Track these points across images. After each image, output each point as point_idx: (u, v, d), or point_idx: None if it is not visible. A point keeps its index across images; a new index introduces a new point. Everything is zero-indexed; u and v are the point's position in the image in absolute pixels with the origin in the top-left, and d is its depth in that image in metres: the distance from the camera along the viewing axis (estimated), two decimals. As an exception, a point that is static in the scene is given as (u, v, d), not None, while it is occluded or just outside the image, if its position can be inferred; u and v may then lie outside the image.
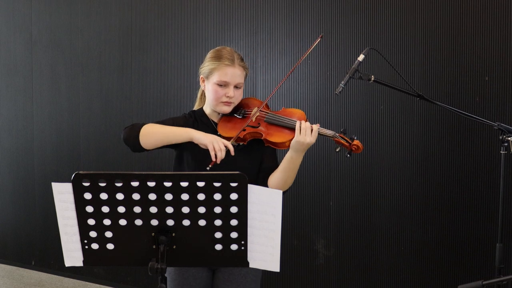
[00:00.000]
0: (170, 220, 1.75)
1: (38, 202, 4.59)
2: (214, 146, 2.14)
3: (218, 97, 2.27)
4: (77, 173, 1.70)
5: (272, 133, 2.25)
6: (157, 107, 4.03)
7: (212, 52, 2.34)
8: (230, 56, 2.28)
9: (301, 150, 2.20)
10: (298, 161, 2.23)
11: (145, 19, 4.05)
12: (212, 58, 2.30)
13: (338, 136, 2.22)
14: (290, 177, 2.24)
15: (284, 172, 2.24)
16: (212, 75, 2.28)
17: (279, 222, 1.78)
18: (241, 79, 2.30)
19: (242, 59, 2.33)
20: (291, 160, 2.22)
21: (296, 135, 2.18)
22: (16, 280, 4.47)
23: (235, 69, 2.27)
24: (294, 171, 2.24)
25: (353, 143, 2.21)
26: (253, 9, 3.65)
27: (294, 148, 2.20)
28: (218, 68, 2.26)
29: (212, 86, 2.28)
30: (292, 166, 2.22)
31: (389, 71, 3.14)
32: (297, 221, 3.60)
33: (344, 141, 2.21)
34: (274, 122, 2.27)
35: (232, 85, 2.27)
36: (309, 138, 2.17)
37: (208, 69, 2.29)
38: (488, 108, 3.05)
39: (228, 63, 2.26)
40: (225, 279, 2.29)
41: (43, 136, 4.54)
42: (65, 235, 1.78)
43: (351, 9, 3.36)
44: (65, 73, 4.40)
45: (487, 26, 3.04)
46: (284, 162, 2.24)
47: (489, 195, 3.08)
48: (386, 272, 3.38)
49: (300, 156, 2.22)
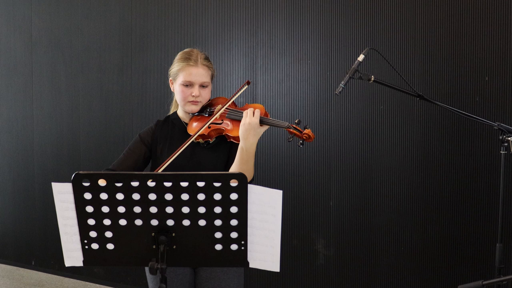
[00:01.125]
0: (170, 220, 1.75)
1: (38, 202, 4.59)
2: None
3: (184, 96, 2.36)
4: (77, 173, 1.70)
5: (234, 128, 2.31)
6: (157, 107, 4.03)
7: (178, 55, 2.43)
8: (194, 57, 2.37)
9: (247, 135, 2.20)
10: (250, 151, 2.22)
11: (145, 19, 4.05)
12: (178, 60, 2.40)
13: (292, 126, 2.27)
14: (245, 170, 2.23)
15: (238, 164, 2.24)
16: (178, 77, 2.38)
17: (279, 222, 1.78)
18: (206, 78, 2.37)
19: (207, 58, 2.41)
20: (242, 150, 2.22)
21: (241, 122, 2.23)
22: (16, 280, 4.47)
23: (199, 69, 2.35)
24: (248, 162, 2.23)
25: (304, 132, 2.25)
26: (253, 9, 3.65)
27: (241, 134, 2.22)
28: (183, 69, 2.36)
29: (179, 87, 2.37)
30: (245, 157, 2.22)
31: (389, 71, 3.14)
32: (297, 221, 3.60)
33: (297, 131, 2.26)
34: (234, 117, 2.33)
35: (197, 85, 2.35)
36: (250, 119, 2.20)
37: (175, 70, 2.39)
38: (488, 108, 3.05)
39: (192, 64, 2.35)
40: (207, 276, 2.32)
41: (43, 136, 4.54)
42: (65, 235, 1.78)
43: (351, 9, 3.36)
44: (65, 73, 4.40)
45: (487, 26, 3.04)
46: (237, 154, 2.25)
47: (489, 195, 3.08)
48: (386, 272, 3.38)
49: (249, 144, 2.21)
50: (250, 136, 2.20)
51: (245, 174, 2.21)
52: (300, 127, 2.28)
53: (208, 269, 2.33)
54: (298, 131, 2.26)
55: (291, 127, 2.27)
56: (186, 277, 2.33)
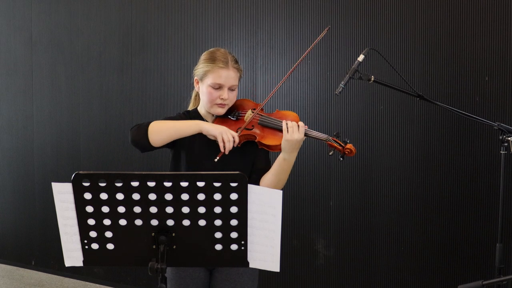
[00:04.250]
0: (170, 220, 1.75)
1: (38, 202, 4.59)
2: (223, 137, 2.17)
3: (212, 99, 2.28)
4: (77, 173, 1.70)
5: (266, 135, 2.25)
6: (157, 107, 4.03)
7: (206, 54, 2.33)
8: (224, 59, 2.28)
9: (292, 149, 2.19)
10: (291, 162, 2.22)
11: (145, 19, 4.05)
12: (206, 60, 2.30)
13: (331, 139, 2.22)
14: (282, 179, 2.24)
15: (277, 174, 2.23)
16: (206, 77, 2.28)
17: (279, 222, 1.78)
18: (235, 81, 2.30)
19: (237, 61, 2.33)
20: (284, 161, 2.21)
21: (284, 135, 2.17)
22: (16, 280, 4.47)
23: (229, 71, 2.27)
24: (286, 172, 2.24)
25: (346, 147, 2.21)
26: (253, 9, 3.65)
27: (285, 148, 2.19)
28: (212, 71, 2.26)
29: (207, 88, 2.28)
30: (285, 167, 2.22)
31: (389, 71, 3.14)
32: (297, 221, 3.60)
33: (337, 145, 2.22)
34: (267, 124, 2.27)
35: (226, 87, 2.27)
36: (297, 135, 2.16)
37: (202, 71, 2.29)
38: (488, 108, 3.05)
39: (222, 66, 2.26)
40: (223, 279, 2.30)
41: (43, 136, 4.54)
42: (65, 235, 1.78)
43: (351, 9, 3.36)
44: (65, 73, 4.40)
45: (487, 26, 3.04)
46: (276, 164, 2.23)
47: (489, 195, 3.08)
48: (386, 272, 3.38)
49: (292, 156, 2.21)
50: (295, 150, 2.19)
51: (281, 183, 2.25)
52: (340, 140, 2.22)
53: (223, 271, 2.30)
54: (340, 145, 2.21)
55: (331, 139, 2.22)
56: (201, 281, 2.30)
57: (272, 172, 2.24)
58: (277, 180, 2.24)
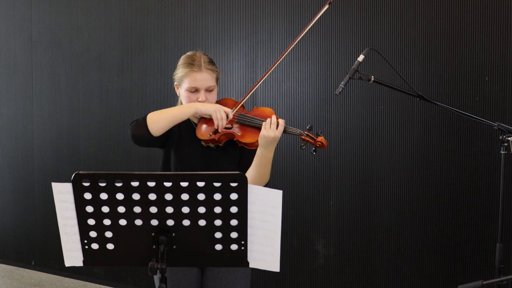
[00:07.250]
0: (170, 220, 1.75)
1: (38, 202, 4.59)
2: (217, 116, 2.25)
3: (191, 102, 2.34)
4: (77, 173, 1.70)
5: (244, 134, 2.30)
6: (157, 107, 4.02)
7: (182, 59, 2.40)
8: (198, 62, 2.33)
9: (268, 144, 2.22)
10: (268, 156, 2.24)
11: (145, 19, 4.05)
12: (182, 65, 2.37)
13: (304, 133, 2.26)
14: (264, 173, 2.27)
15: (257, 169, 2.26)
16: (182, 82, 2.36)
17: (279, 222, 1.78)
18: (211, 82, 2.34)
19: (211, 61, 2.38)
20: (262, 156, 2.24)
21: (262, 130, 2.22)
22: (16, 280, 4.47)
23: (203, 74, 2.32)
24: (266, 167, 2.26)
25: (318, 140, 2.25)
26: (253, 9, 3.65)
27: (261, 143, 2.23)
28: (187, 75, 2.33)
29: (185, 93, 2.35)
30: (264, 162, 2.25)
31: (389, 71, 3.14)
32: (297, 221, 3.60)
33: (309, 138, 2.26)
34: (245, 123, 2.32)
35: (202, 90, 2.33)
36: (274, 133, 2.20)
37: (179, 76, 2.37)
38: (488, 108, 3.05)
39: (196, 69, 2.32)
40: (214, 276, 2.32)
41: (43, 136, 4.54)
42: (65, 235, 1.78)
43: (351, 9, 3.36)
44: (65, 73, 4.40)
45: (487, 26, 3.04)
46: (255, 159, 2.27)
47: (489, 195, 3.08)
48: (386, 272, 3.38)
49: (269, 151, 2.24)
50: (271, 145, 2.22)
51: (264, 177, 2.28)
52: (312, 134, 2.27)
53: (215, 269, 2.33)
54: (311, 138, 2.25)
55: (303, 134, 2.26)
56: (193, 278, 2.33)
57: (253, 166, 2.28)
58: (259, 175, 2.26)
